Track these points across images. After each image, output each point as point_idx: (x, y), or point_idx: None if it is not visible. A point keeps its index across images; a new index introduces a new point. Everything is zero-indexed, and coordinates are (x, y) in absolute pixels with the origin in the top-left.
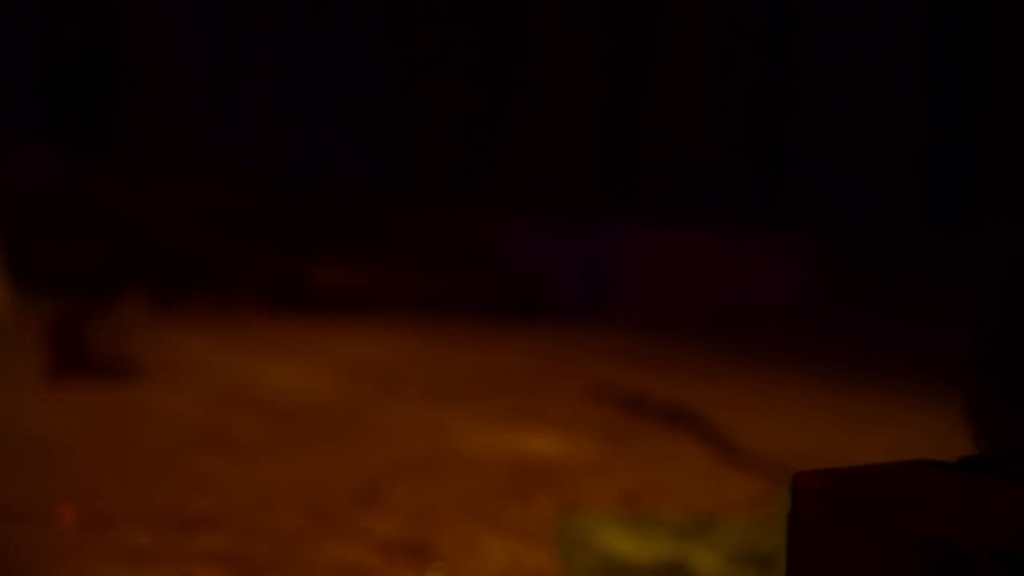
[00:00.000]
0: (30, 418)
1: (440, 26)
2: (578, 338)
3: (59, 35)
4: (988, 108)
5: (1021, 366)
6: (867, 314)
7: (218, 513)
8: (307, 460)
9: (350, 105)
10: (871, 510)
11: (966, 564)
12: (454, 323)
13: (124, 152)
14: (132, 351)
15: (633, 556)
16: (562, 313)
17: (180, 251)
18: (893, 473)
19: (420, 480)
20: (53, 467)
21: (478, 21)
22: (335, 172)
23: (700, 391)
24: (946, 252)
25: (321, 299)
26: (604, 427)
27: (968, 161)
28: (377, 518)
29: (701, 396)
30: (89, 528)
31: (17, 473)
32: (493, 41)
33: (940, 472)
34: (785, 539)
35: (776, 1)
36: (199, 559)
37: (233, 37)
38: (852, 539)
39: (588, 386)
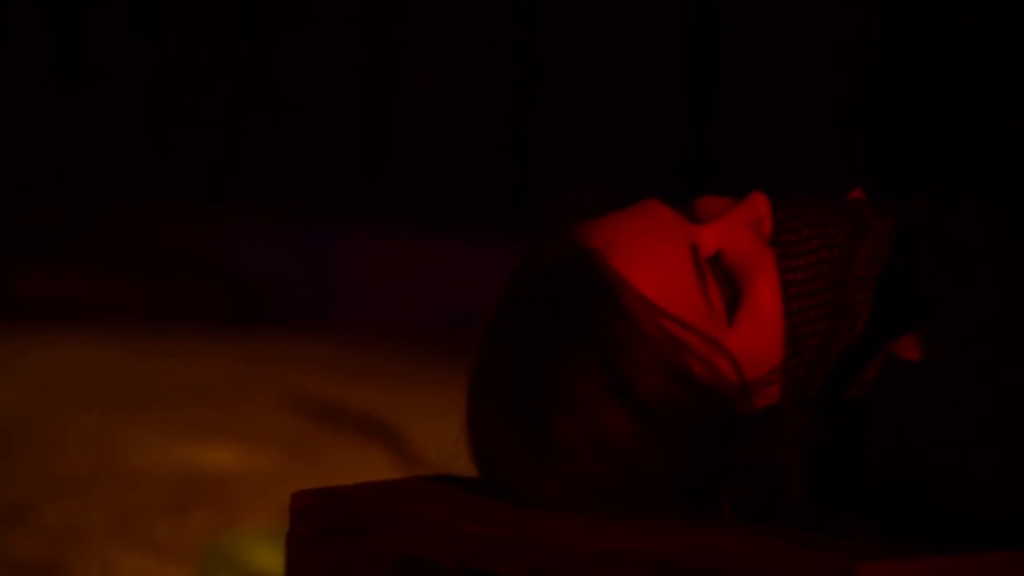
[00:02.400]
0: None
1: (187, 29)
2: (291, 346)
3: None
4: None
5: (484, 388)
6: None
7: None
8: None
9: (88, 108)
10: (354, 527)
11: None
12: (164, 331)
13: None
14: None
15: (279, 574)
16: (286, 320)
17: None
18: (385, 490)
19: (76, 497)
20: None
21: (226, 24)
22: (69, 175)
23: (403, 401)
24: None
25: (28, 308)
26: (290, 440)
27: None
28: (19, 539)
29: (403, 406)
30: None
31: None
32: (240, 45)
33: (432, 488)
34: None
35: (529, 8)
36: None
37: None
38: (340, 557)
39: (285, 397)
